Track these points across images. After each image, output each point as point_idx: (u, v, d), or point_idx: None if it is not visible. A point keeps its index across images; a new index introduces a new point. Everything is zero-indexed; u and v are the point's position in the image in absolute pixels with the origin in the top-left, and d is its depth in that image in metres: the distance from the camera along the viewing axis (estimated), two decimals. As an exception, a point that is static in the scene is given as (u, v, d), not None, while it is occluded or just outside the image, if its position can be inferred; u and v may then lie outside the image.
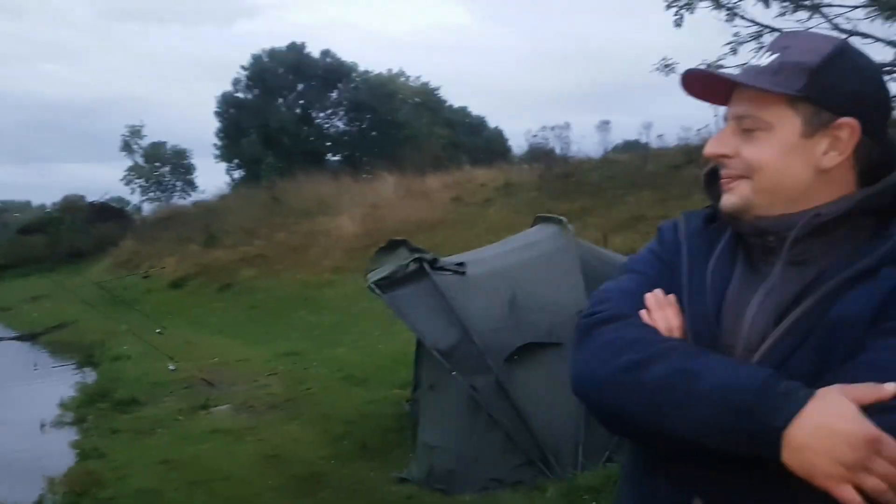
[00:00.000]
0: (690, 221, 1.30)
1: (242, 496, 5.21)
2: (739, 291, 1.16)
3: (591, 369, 1.15)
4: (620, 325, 1.17)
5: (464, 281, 5.28)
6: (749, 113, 1.13)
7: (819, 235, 1.12)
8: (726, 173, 1.17)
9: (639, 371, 1.08)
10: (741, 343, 1.13)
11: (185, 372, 9.16)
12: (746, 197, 1.15)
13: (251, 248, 19.03)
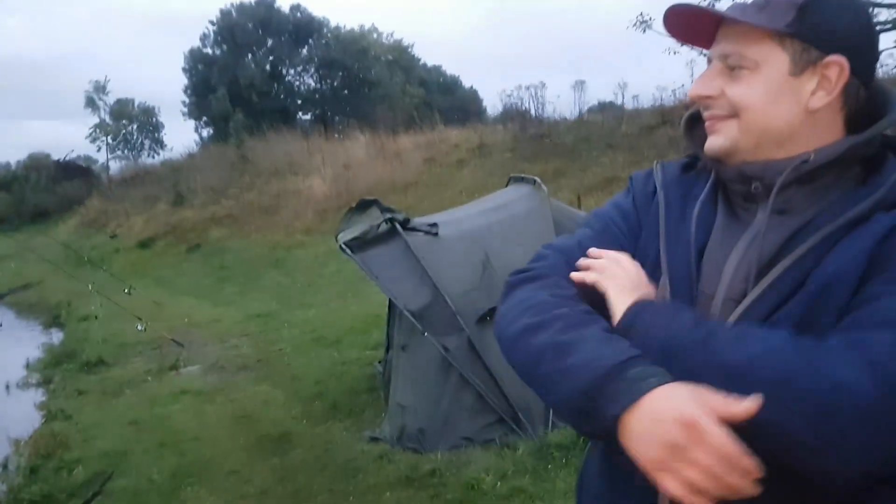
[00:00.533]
0: (667, 170, 1.27)
1: (212, 457, 5.18)
2: (721, 240, 1.14)
3: (500, 328, 1.16)
4: (536, 285, 1.16)
5: (436, 241, 5.22)
6: (735, 51, 1.10)
7: (805, 183, 1.09)
8: (711, 115, 1.14)
9: (527, 337, 1.08)
10: (722, 292, 1.10)
11: (153, 333, 9.05)
12: (733, 138, 1.12)
13: (220, 207, 18.80)
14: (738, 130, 1.11)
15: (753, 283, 1.07)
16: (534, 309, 1.12)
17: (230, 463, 5.04)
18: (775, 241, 1.08)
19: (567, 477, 4.09)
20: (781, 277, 1.05)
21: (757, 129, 1.10)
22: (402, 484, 4.34)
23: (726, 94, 1.11)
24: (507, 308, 1.18)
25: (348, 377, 6.63)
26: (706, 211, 1.17)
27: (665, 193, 1.23)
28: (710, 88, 1.13)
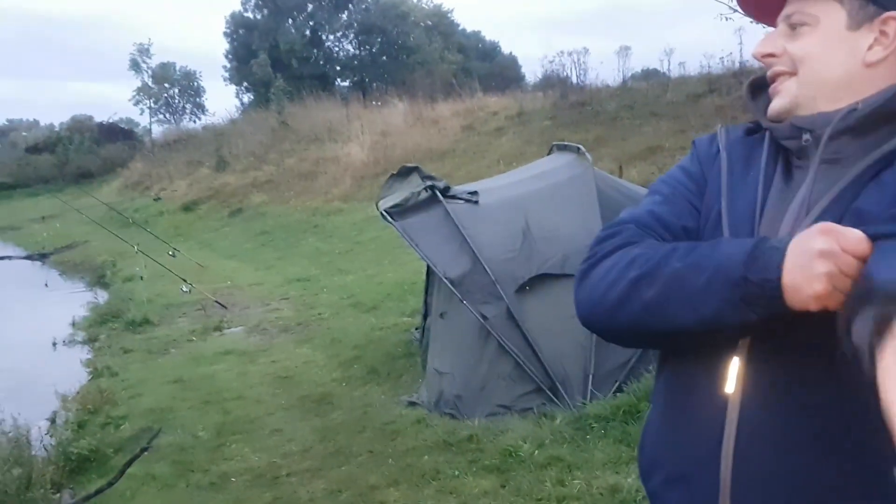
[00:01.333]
0: (731, 133, 1.28)
1: (255, 415, 5.30)
2: (778, 199, 1.14)
3: (597, 295, 1.13)
4: (626, 249, 1.14)
5: (476, 210, 5.22)
6: (796, 9, 1.13)
7: (857, 134, 1.09)
8: (774, 72, 1.17)
9: (648, 279, 1.07)
10: None
11: (198, 294, 9.23)
12: (793, 94, 1.14)
13: (261, 173, 18.98)
14: (797, 85, 1.14)
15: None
16: (637, 261, 1.10)
17: (273, 421, 5.16)
18: (824, 191, 1.08)
19: (606, 447, 4.10)
20: (821, 217, 1.04)
21: (815, 80, 1.12)
22: (439, 448, 4.40)
23: (787, 50, 1.14)
24: (601, 275, 1.14)
25: (386, 342, 6.71)
26: (766, 171, 1.18)
27: (728, 154, 1.23)
28: (773, 46, 1.16)
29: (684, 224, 1.19)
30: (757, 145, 1.22)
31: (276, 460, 4.49)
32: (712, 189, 1.22)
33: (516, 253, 4.94)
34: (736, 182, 1.19)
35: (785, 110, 1.15)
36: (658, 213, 1.21)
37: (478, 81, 22.52)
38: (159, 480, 4.37)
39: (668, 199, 1.23)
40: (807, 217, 1.07)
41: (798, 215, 1.09)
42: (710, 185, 1.23)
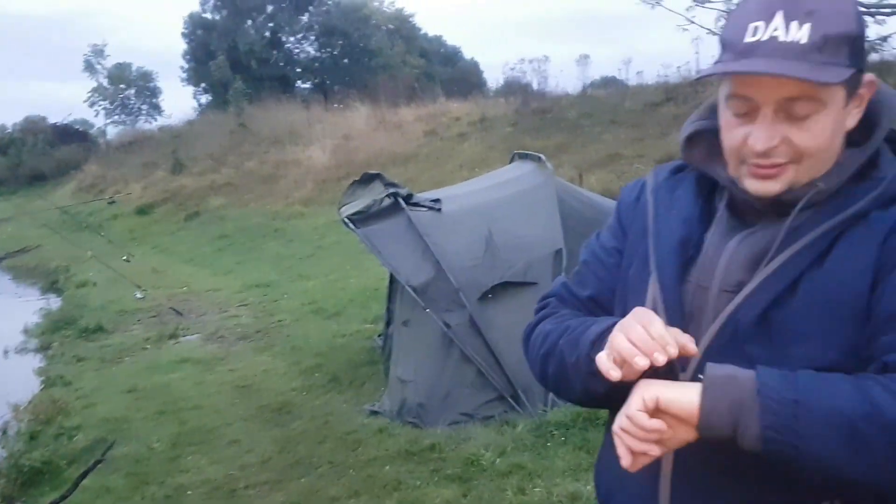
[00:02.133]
0: (659, 174, 1.31)
1: (213, 425, 5.21)
2: (721, 233, 1.15)
3: (530, 366, 1.33)
4: (544, 324, 1.30)
5: (439, 217, 5.21)
6: (802, 95, 1.02)
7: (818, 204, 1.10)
8: (773, 163, 1.07)
9: (548, 363, 1.25)
10: (717, 284, 1.12)
11: (152, 300, 9.07)
12: (791, 181, 1.07)
13: (219, 175, 18.72)
14: (797, 173, 1.07)
15: (750, 275, 1.08)
16: (547, 338, 1.26)
17: (231, 432, 5.07)
18: (772, 234, 1.09)
19: (566, 455, 4.12)
20: (778, 271, 1.06)
21: (818, 168, 1.07)
22: (402, 457, 4.38)
23: (793, 141, 1.05)
24: (529, 351, 1.33)
25: (348, 350, 6.65)
26: (690, 208, 1.20)
27: (654, 196, 1.26)
28: (777, 138, 1.05)
29: (589, 294, 1.31)
30: (679, 184, 1.25)
31: (234, 472, 4.42)
32: (637, 231, 1.27)
33: (479, 261, 4.94)
34: (660, 222, 1.22)
35: (776, 194, 1.09)
36: (569, 287, 1.35)
37: (440, 86, 22.55)
38: (114, 493, 4.27)
39: (580, 271, 1.36)
40: (764, 268, 1.07)
41: (742, 256, 1.11)
42: (633, 229, 1.28)
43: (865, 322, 1.01)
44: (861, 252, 1.03)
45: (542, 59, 26.57)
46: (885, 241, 1.02)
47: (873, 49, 8.75)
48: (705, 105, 1.24)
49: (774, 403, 0.92)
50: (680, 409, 0.97)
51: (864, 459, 0.89)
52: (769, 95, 1.03)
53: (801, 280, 1.04)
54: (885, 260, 1.01)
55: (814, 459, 0.91)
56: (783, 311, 1.04)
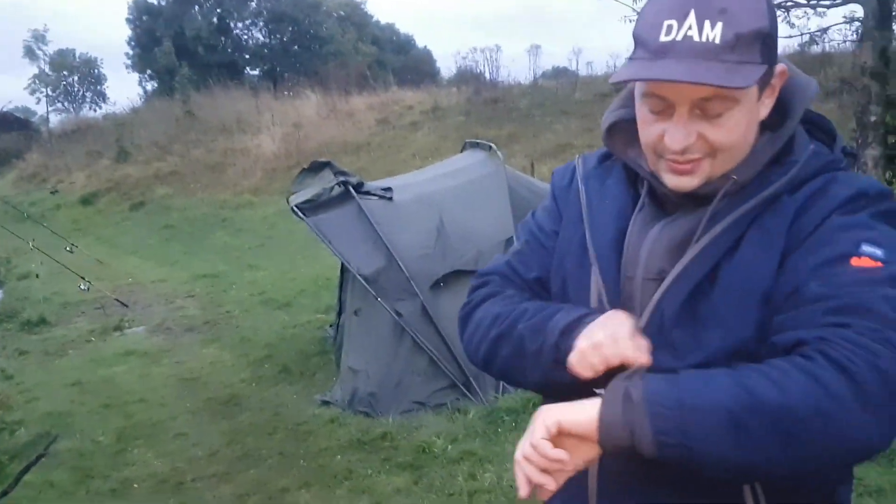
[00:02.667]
0: (587, 162, 1.32)
1: (159, 419, 5.12)
2: (641, 223, 1.17)
3: (472, 351, 1.28)
4: (489, 303, 1.26)
5: (390, 206, 5.19)
6: (716, 95, 1.03)
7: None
8: (688, 159, 1.08)
9: (503, 340, 1.20)
10: (640, 273, 1.13)
11: (97, 292, 8.83)
12: (706, 175, 1.10)
13: (165, 164, 18.31)
14: (713, 167, 1.09)
15: (670, 262, 1.10)
16: (498, 320, 1.22)
17: (177, 425, 4.99)
18: (691, 222, 1.11)
19: (517, 440, 4.09)
20: (698, 259, 1.08)
21: (732, 160, 1.09)
22: (353, 447, 4.37)
23: (708, 138, 1.06)
24: (472, 331, 1.27)
25: (299, 340, 6.59)
26: (622, 198, 1.21)
27: (585, 185, 1.27)
28: (693, 136, 1.06)
29: (535, 276, 1.29)
30: (608, 174, 1.26)
31: (181, 465, 4.35)
32: (571, 217, 1.27)
33: (431, 250, 4.94)
34: (595, 213, 1.22)
35: (693, 188, 1.10)
36: (514, 266, 1.31)
37: (392, 75, 22.42)
38: (58, 488, 4.17)
39: (522, 251, 1.33)
40: (684, 256, 1.09)
41: (661, 244, 1.13)
42: (567, 214, 1.28)
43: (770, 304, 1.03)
44: (771, 235, 1.05)
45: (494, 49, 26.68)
46: (792, 223, 1.05)
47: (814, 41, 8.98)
48: (624, 93, 1.25)
49: (662, 409, 0.94)
50: (580, 428, 0.99)
51: (752, 449, 0.91)
52: (684, 96, 1.04)
53: (720, 266, 1.06)
54: (791, 241, 1.04)
55: (706, 456, 0.93)
56: (703, 297, 1.06)
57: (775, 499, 1.07)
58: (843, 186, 1.07)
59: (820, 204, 1.05)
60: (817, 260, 1.00)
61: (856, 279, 0.97)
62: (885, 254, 0.99)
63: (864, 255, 0.99)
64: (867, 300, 0.95)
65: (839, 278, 0.98)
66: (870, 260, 0.99)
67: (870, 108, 6.89)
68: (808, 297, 0.98)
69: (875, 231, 1.02)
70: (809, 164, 1.10)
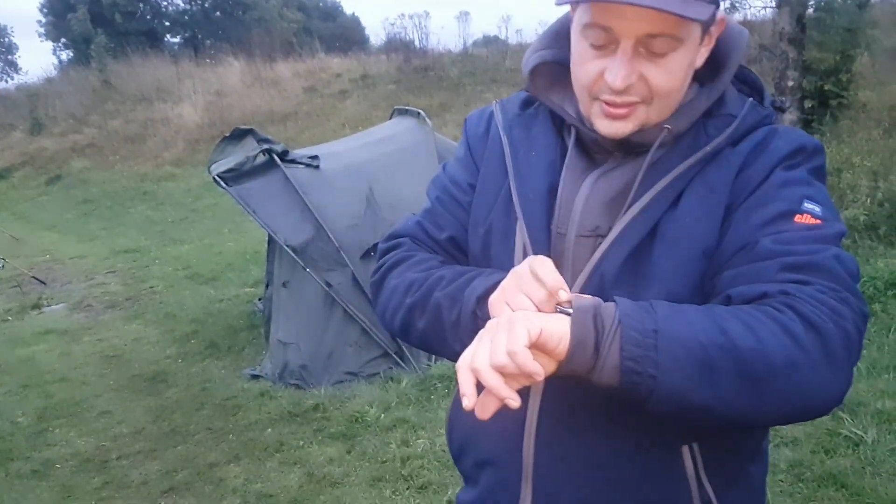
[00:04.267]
0: (507, 109, 1.24)
1: (81, 397, 4.95)
2: (572, 178, 1.12)
3: (387, 319, 1.21)
4: (402, 268, 1.19)
5: (317, 174, 5.08)
6: (664, 32, 0.98)
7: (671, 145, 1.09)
8: (626, 101, 1.03)
9: (416, 315, 1.14)
10: (573, 230, 1.09)
11: (12, 270, 8.45)
12: (642, 121, 1.05)
13: (82, 136, 17.57)
14: (648, 113, 1.05)
15: (607, 218, 1.07)
16: (412, 287, 1.15)
17: (101, 403, 4.84)
18: (626, 175, 1.07)
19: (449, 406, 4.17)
20: (639, 217, 1.04)
21: (667, 108, 1.06)
22: (284, 420, 4.31)
23: (648, 79, 1.01)
24: (386, 299, 1.20)
25: (226, 315, 6.45)
26: (552, 149, 1.15)
27: (508, 135, 1.19)
28: (635, 76, 1.01)
29: (448, 235, 1.23)
30: (533, 122, 1.19)
31: (106, 444, 4.22)
32: (491, 168, 1.20)
33: (360, 219, 4.87)
34: (521, 164, 1.16)
35: (627, 135, 1.06)
36: (425, 227, 1.25)
37: (319, 42, 21.94)
38: (-26, 472, 3.99)
39: (433, 209, 1.26)
40: (625, 214, 1.05)
41: (596, 200, 1.09)
42: (487, 165, 1.21)
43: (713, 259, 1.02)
44: (714, 190, 1.04)
45: (423, 16, 26.39)
46: (735, 177, 1.04)
47: (735, 7, 9.16)
48: (548, 32, 1.19)
49: (635, 333, 0.87)
50: (554, 342, 0.88)
51: (719, 390, 0.87)
52: (631, 29, 0.98)
53: (660, 223, 1.04)
54: (734, 197, 1.03)
55: (669, 391, 0.87)
56: (644, 256, 1.03)
57: (711, 456, 1.07)
58: (784, 141, 1.06)
59: (763, 158, 1.04)
60: (764, 216, 1.00)
61: (802, 236, 0.97)
62: (823, 211, 1.00)
63: (805, 213, 0.99)
64: (821, 259, 0.95)
65: (787, 235, 0.98)
66: (811, 217, 0.99)
67: (787, 73, 7.09)
68: (761, 253, 0.97)
69: (813, 188, 1.03)
70: (749, 117, 1.08)
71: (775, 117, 1.13)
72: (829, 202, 1.03)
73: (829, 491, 3.06)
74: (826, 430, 3.49)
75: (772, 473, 3.17)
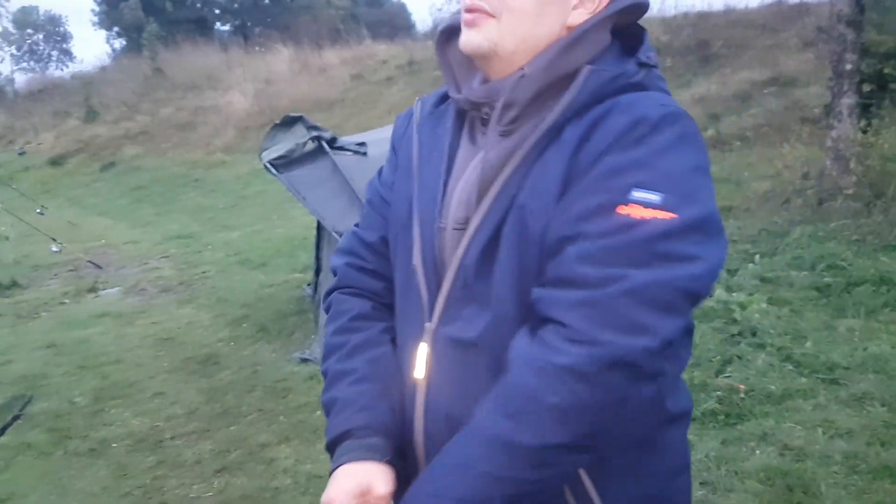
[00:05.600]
0: (425, 105, 1.23)
1: (136, 379, 5.08)
2: (459, 168, 1.10)
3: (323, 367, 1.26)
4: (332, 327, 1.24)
5: (365, 161, 5.11)
6: None
7: (535, 100, 1.03)
8: (474, 6, 1.03)
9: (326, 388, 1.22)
10: (450, 223, 1.08)
11: (69, 254, 8.71)
12: (492, 39, 1.03)
13: (134, 123, 17.98)
14: (498, 31, 1.03)
15: (470, 209, 1.05)
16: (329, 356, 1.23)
17: (155, 385, 4.96)
18: (495, 163, 1.04)
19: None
20: (495, 201, 1.02)
21: (518, 34, 1.03)
22: (332, 403, 4.36)
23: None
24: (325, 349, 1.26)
25: (276, 300, 6.55)
26: (451, 144, 1.13)
27: (419, 132, 1.18)
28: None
29: (379, 236, 1.24)
30: (441, 120, 1.17)
31: (160, 424, 4.33)
32: (403, 167, 1.20)
33: (406, 205, 4.89)
34: (424, 160, 1.15)
35: (482, 51, 1.04)
36: (360, 235, 1.27)
37: (366, 28, 22.00)
38: (35, 449, 4.14)
39: (366, 212, 1.29)
40: (483, 201, 1.03)
41: (468, 190, 1.07)
42: (402, 163, 1.21)
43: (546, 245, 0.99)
44: (552, 172, 0.99)
45: (469, 2, 26.18)
46: (573, 154, 0.97)
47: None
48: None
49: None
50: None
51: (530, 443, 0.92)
52: None
53: (509, 211, 1.01)
54: (570, 176, 0.97)
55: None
56: (494, 248, 1.02)
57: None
58: (622, 114, 0.96)
59: (597, 137, 0.96)
60: (582, 208, 0.94)
61: (611, 244, 0.92)
62: (664, 198, 0.91)
63: (634, 203, 0.91)
64: (601, 297, 0.90)
65: (595, 245, 0.92)
66: (640, 207, 0.91)
67: (845, 56, 6.88)
68: (563, 265, 0.94)
69: (652, 170, 0.93)
70: (587, 85, 0.99)
71: (640, 76, 1.03)
72: (683, 182, 0.93)
73: (884, 483, 2.99)
74: (882, 422, 3.41)
75: (825, 465, 3.11)
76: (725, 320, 4.61)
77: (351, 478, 1.07)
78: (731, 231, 6.48)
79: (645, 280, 0.90)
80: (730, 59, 11.03)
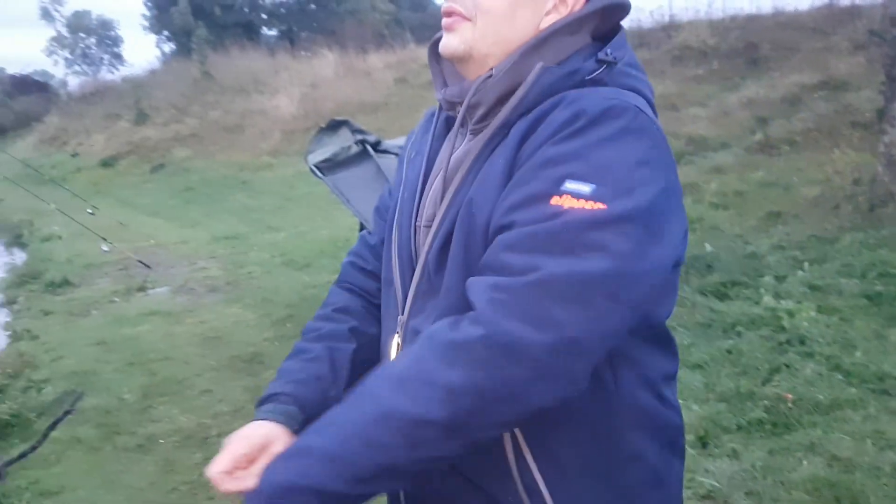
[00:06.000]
0: (425, 116, 1.27)
1: (183, 376, 5.19)
2: (437, 170, 1.14)
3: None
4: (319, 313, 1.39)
5: (408, 164, 5.16)
6: None
7: (502, 100, 1.04)
8: (451, 9, 1.06)
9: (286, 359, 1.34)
10: (423, 221, 1.11)
11: (119, 253, 8.92)
12: (467, 41, 1.05)
13: (183, 126, 18.35)
14: (473, 34, 1.05)
15: (439, 206, 1.08)
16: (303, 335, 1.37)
17: (202, 382, 5.06)
18: (457, 162, 1.08)
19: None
20: (453, 197, 1.04)
21: (491, 35, 1.05)
22: (374, 404, 4.40)
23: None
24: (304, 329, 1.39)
25: (319, 300, 6.38)
26: (434, 144, 1.17)
27: (409, 140, 1.24)
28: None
29: (380, 239, 1.30)
30: (434, 121, 1.21)
31: (206, 421, 4.42)
32: (400, 173, 1.25)
33: (448, 208, 4.91)
34: (410, 164, 1.20)
35: (459, 54, 1.07)
36: (366, 238, 1.37)
37: (410, 32, 22.12)
38: (85, 443, 4.25)
39: (374, 218, 1.36)
40: (444, 199, 1.06)
41: (438, 185, 1.09)
42: (398, 171, 1.26)
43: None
44: (497, 169, 1.00)
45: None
46: (517, 147, 0.99)
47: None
48: None
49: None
50: None
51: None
52: None
53: (462, 208, 1.03)
54: (513, 168, 0.98)
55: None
56: (448, 243, 1.04)
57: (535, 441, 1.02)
58: (566, 108, 0.97)
59: (539, 131, 0.97)
60: (517, 197, 0.94)
61: (538, 231, 0.91)
62: (595, 189, 0.90)
63: (565, 194, 0.90)
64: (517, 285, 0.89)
65: (520, 233, 0.92)
66: (571, 198, 0.90)
67: (899, 59, 6.70)
68: (496, 243, 0.95)
69: (586, 162, 0.92)
70: (538, 83, 1.01)
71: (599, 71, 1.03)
72: (619, 175, 0.91)
73: (937, 499, 2.91)
74: (936, 436, 3.32)
75: (874, 477, 3.04)
76: (773, 328, 4.53)
77: (254, 430, 1.13)
78: (779, 237, 6.36)
79: (558, 271, 0.88)
80: (778, 62, 10.82)
